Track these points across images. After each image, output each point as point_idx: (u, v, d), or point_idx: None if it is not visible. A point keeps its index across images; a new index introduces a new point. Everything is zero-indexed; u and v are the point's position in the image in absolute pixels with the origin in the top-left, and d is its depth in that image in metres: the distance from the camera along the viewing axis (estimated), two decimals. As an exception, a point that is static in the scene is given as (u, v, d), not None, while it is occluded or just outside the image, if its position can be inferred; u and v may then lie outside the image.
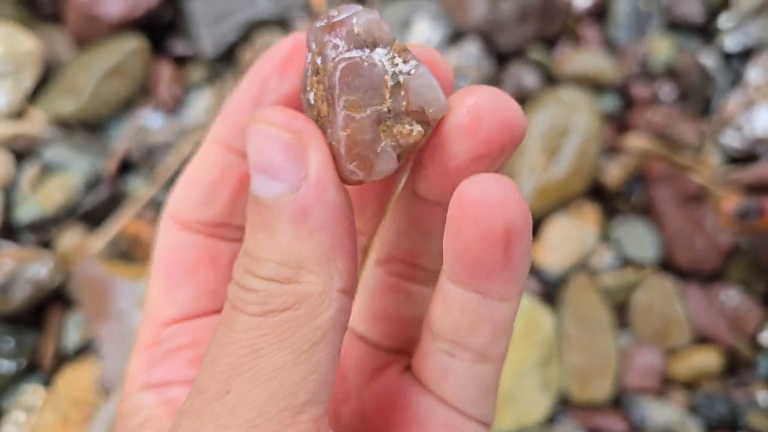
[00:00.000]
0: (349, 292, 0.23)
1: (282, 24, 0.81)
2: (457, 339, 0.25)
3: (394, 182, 0.29)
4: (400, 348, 0.29)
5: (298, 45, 0.26)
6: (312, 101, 0.24)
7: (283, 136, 0.22)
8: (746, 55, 0.78)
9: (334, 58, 0.22)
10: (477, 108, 0.23)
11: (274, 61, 0.26)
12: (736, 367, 0.72)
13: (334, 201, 0.22)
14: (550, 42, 0.81)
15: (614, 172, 0.76)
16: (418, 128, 0.23)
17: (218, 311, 0.28)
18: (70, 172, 0.77)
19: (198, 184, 0.27)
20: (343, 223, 0.23)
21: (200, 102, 0.80)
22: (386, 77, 0.22)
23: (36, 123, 0.78)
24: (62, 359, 0.72)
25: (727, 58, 0.79)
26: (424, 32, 0.79)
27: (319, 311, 0.22)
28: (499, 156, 0.24)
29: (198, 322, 0.28)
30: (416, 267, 0.28)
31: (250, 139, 0.23)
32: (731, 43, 0.79)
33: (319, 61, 0.23)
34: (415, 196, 0.26)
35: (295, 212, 0.22)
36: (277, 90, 0.26)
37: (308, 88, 0.24)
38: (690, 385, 0.71)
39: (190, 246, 0.28)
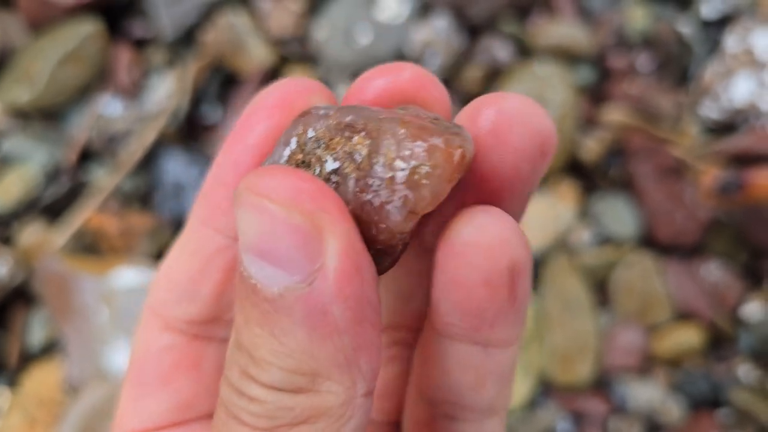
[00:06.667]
0: (373, 391, 0.19)
1: (244, 3, 0.78)
2: (461, 400, 0.22)
3: None
4: (398, 420, 0.26)
5: (286, 93, 0.22)
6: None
7: (291, 218, 0.17)
8: (723, 22, 0.76)
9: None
10: (502, 116, 0.20)
11: (255, 115, 0.22)
12: (717, 342, 0.71)
13: (357, 295, 0.18)
14: (522, 12, 0.78)
15: (591, 147, 0.74)
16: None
17: (193, 420, 0.24)
18: (28, 164, 0.74)
19: (178, 277, 0.23)
20: (368, 320, 0.18)
21: (161, 86, 0.76)
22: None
23: (-9, 113, 0.75)
24: (27, 358, 0.70)
25: (705, 25, 0.77)
26: (392, 6, 0.76)
27: (342, 422, 0.18)
28: (529, 176, 0.21)
29: None
30: (420, 331, 0.24)
31: (241, 215, 0.18)
32: (708, 10, 0.77)
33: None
34: (421, 247, 0.23)
35: (310, 311, 0.17)
36: (265, 133, 0.22)
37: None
38: (672, 362, 0.70)
39: (169, 349, 0.24)
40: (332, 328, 0.18)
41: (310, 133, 0.20)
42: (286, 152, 0.20)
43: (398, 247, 0.20)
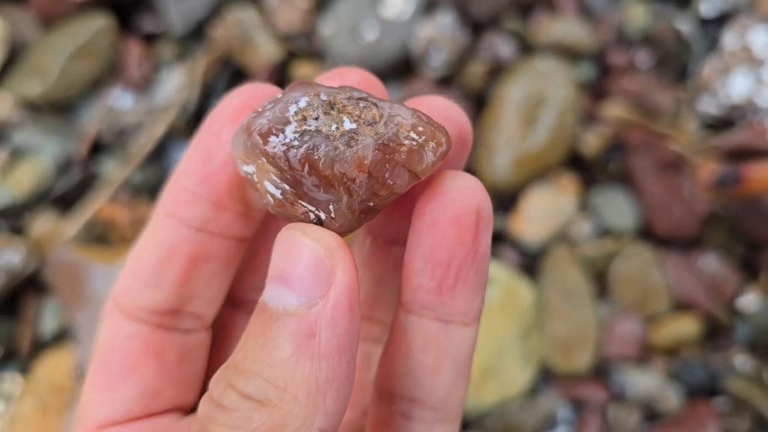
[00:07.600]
0: None
1: (252, -2, 0.79)
2: (417, 392, 0.24)
3: None
4: (354, 418, 0.28)
5: (249, 97, 0.24)
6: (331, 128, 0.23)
7: (315, 249, 0.21)
8: (722, 20, 0.78)
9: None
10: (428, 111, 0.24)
11: (226, 114, 0.24)
12: (714, 332, 0.72)
13: (345, 330, 0.21)
14: (525, 10, 0.80)
15: (592, 142, 0.75)
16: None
17: (159, 414, 0.25)
18: (40, 156, 0.75)
19: (144, 264, 0.25)
20: (346, 356, 0.21)
21: (171, 80, 0.78)
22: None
23: (4, 106, 0.76)
24: (39, 346, 0.71)
25: (703, 23, 0.79)
26: (397, 3, 0.77)
27: None
28: (455, 154, 0.25)
29: (135, 426, 0.25)
30: (371, 321, 0.27)
31: (278, 245, 0.21)
32: (707, 8, 0.78)
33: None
34: (365, 237, 0.27)
35: (302, 329, 0.20)
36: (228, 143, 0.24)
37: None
38: (670, 351, 0.72)
39: (133, 338, 0.25)
40: (315, 350, 0.20)
41: (323, 96, 0.22)
42: (293, 109, 0.22)
43: (380, 210, 0.23)
